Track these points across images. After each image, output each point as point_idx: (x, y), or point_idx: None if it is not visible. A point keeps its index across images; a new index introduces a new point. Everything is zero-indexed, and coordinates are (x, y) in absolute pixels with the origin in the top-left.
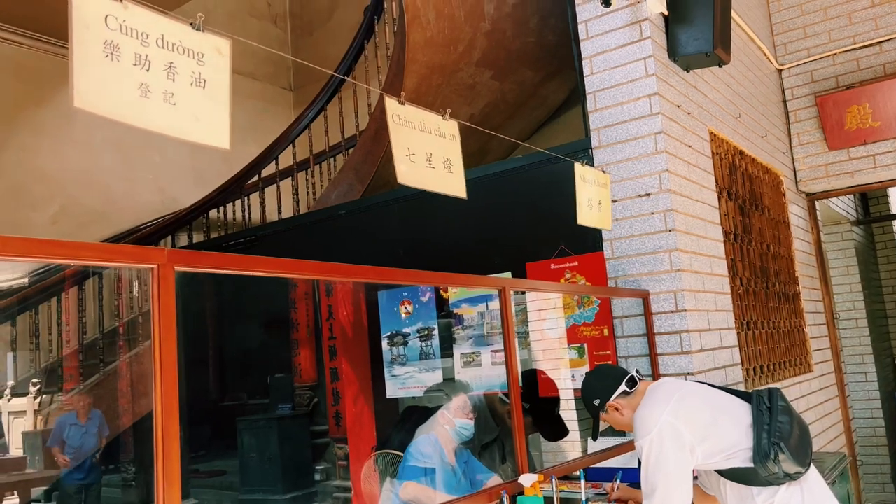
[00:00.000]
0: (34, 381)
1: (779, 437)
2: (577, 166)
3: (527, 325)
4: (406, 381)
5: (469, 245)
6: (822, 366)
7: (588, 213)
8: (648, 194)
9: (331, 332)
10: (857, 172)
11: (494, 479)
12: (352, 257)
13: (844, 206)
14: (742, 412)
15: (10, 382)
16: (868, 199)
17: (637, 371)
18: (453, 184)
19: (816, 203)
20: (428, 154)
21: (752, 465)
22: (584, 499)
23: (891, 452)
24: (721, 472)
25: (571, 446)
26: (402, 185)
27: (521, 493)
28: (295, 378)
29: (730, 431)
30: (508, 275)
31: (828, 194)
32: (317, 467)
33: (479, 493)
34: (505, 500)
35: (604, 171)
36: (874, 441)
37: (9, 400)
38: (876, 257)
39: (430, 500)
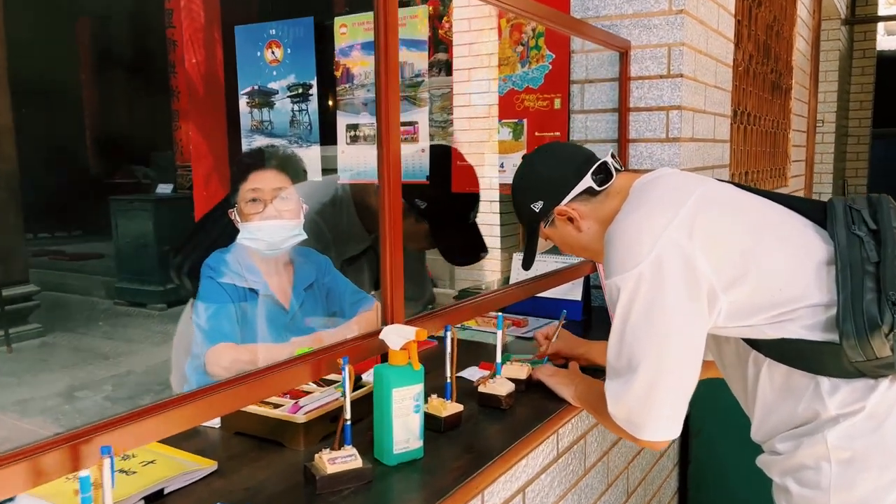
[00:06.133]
0: None
1: None
2: None
3: (449, 112)
4: None
5: None
6: (795, 180)
7: None
8: None
9: None
10: None
11: (369, 309)
12: None
13: None
14: (811, 237)
15: None
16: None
17: (613, 156)
18: None
19: None
20: None
21: (832, 336)
22: (498, 344)
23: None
24: (757, 346)
25: (491, 267)
26: None
27: (385, 355)
28: (176, 156)
29: (790, 271)
30: None
31: None
32: None
33: (300, 359)
34: (346, 371)
35: None
36: None
37: None
38: (851, 66)
39: (253, 364)
